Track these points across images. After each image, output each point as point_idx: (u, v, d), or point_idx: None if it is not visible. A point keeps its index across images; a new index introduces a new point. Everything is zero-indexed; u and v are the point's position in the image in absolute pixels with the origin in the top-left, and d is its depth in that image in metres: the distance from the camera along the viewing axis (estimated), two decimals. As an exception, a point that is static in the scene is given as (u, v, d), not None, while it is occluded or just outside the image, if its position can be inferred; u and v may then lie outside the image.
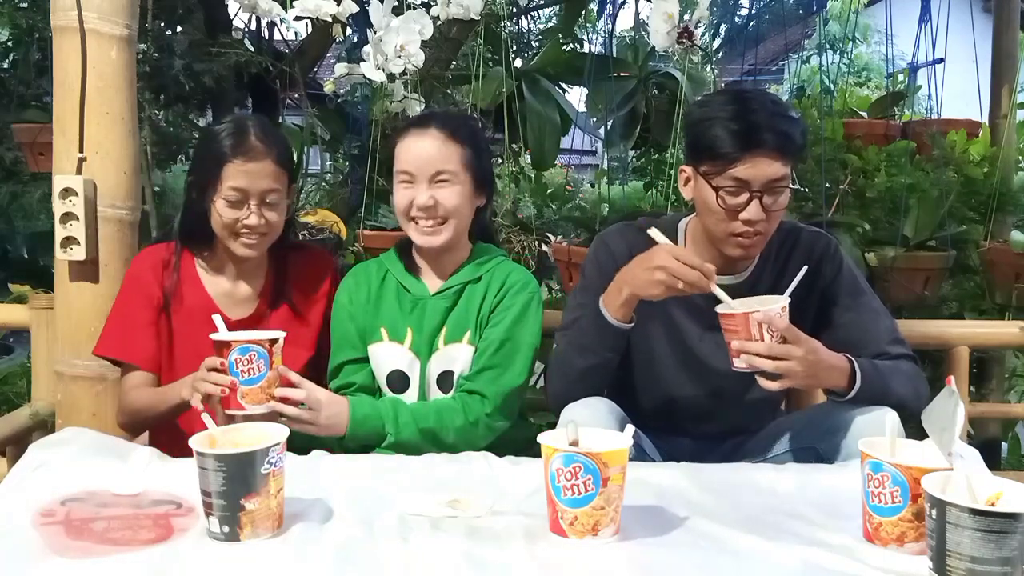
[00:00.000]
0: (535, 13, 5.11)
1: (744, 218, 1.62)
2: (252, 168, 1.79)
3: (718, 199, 1.62)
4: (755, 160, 1.59)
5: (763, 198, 1.61)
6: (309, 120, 3.65)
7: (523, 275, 1.90)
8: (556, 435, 1.30)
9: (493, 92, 3.10)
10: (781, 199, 1.64)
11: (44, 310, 2.14)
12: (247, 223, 1.81)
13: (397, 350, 1.86)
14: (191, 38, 3.35)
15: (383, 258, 1.96)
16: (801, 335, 1.53)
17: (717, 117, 1.62)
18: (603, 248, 1.80)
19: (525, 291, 1.86)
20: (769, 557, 1.19)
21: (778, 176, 1.61)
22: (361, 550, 1.20)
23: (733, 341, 1.52)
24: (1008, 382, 3.20)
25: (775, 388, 1.54)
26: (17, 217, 4.29)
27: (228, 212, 1.81)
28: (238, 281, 1.94)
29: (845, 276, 1.78)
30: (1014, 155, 3.25)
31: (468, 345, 1.85)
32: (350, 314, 1.89)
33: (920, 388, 1.67)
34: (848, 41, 6.12)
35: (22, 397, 2.93)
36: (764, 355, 1.50)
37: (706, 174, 1.64)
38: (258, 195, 1.80)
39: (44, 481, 1.43)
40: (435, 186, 1.80)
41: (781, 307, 1.52)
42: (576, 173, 6.40)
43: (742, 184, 1.60)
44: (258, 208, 1.81)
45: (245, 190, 1.79)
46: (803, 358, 1.51)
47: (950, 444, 1.19)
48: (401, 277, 1.90)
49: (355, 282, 1.92)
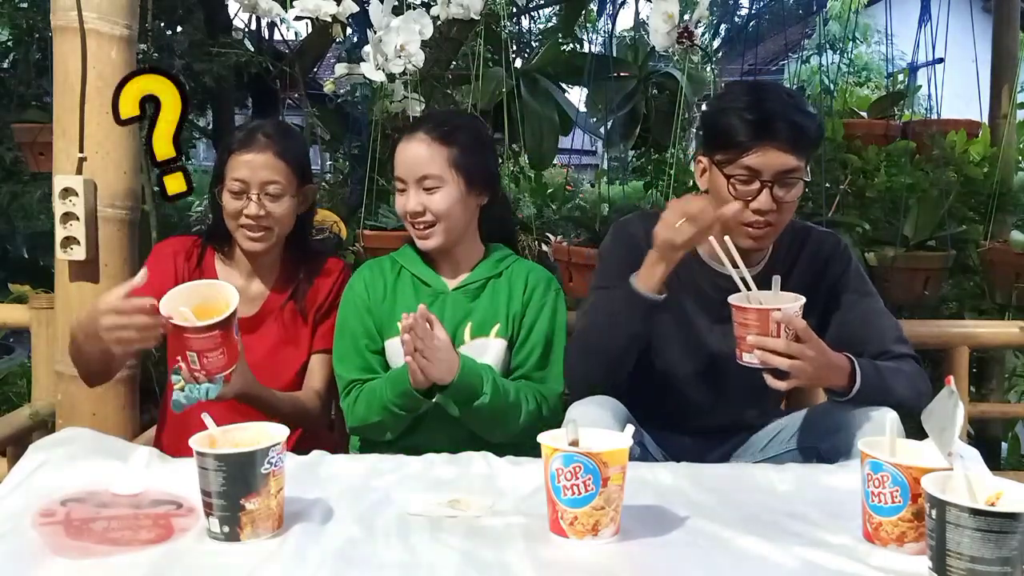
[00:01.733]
0: (535, 13, 5.11)
1: (755, 207, 1.64)
2: (252, 159, 1.84)
3: (729, 187, 1.65)
4: (767, 150, 1.62)
5: (774, 188, 1.64)
6: (309, 120, 3.65)
7: (544, 272, 1.95)
8: (556, 435, 1.30)
9: (491, 92, 3.10)
10: (793, 191, 1.66)
11: (44, 310, 2.15)
12: (248, 212, 1.84)
13: None
14: (191, 38, 3.36)
15: (395, 255, 1.96)
16: (813, 335, 1.54)
17: (732, 107, 1.66)
18: (623, 231, 1.84)
19: (552, 288, 1.91)
20: (769, 557, 1.19)
21: (790, 167, 1.64)
22: (361, 550, 1.20)
23: (748, 336, 1.52)
24: (1008, 382, 3.21)
25: (782, 387, 1.55)
26: (17, 217, 4.28)
27: (232, 203, 1.85)
28: (252, 279, 1.96)
29: (852, 275, 1.79)
30: (1014, 155, 3.26)
31: (497, 339, 1.86)
32: (368, 307, 1.87)
33: (922, 388, 1.67)
34: (848, 41, 6.12)
35: (22, 397, 2.93)
36: (780, 352, 1.51)
37: (719, 163, 1.67)
38: (258, 185, 1.84)
39: (44, 481, 1.43)
40: (423, 191, 1.81)
41: (799, 306, 1.53)
42: (576, 173, 6.40)
43: (753, 173, 1.64)
44: (258, 198, 1.84)
45: (246, 180, 1.84)
46: (814, 359, 1.52)
47: (950, 444, 1.19)
48: (419, 272, 1.89)
49: (371, 275, 1.91)
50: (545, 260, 2.95)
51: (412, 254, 1.92)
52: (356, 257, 2.71)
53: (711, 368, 1.80)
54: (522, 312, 1.87)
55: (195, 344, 1.51)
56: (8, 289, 3.13)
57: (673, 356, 1.82)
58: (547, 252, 3.05)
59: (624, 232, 1.83)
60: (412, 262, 1.91)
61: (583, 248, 2.52)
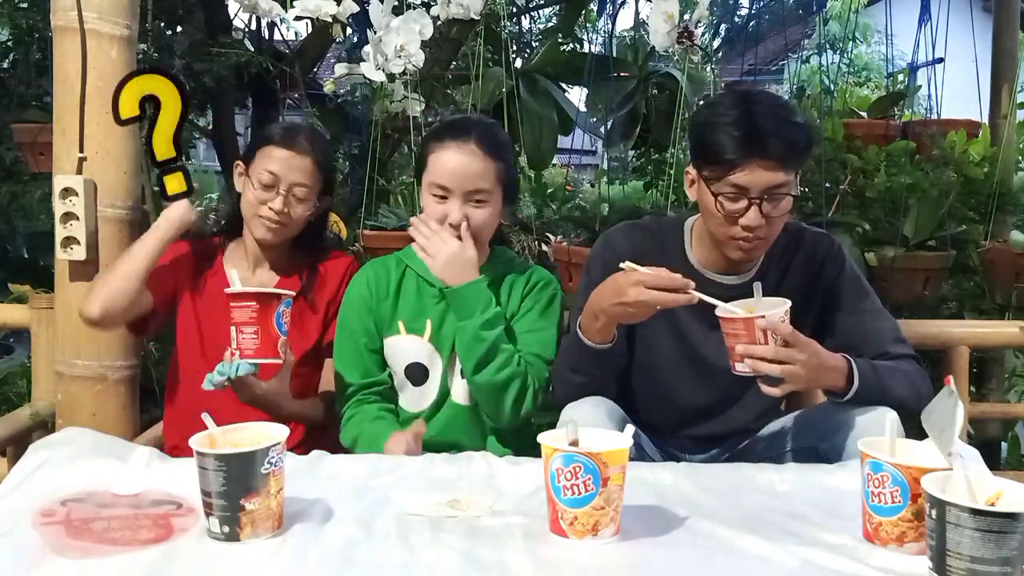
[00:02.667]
0: (535, 13, 5.11)
1: (743, 224, 1.61)
2: (291, 157, 1.88)
3: (717, 204, 1.62)
4: (754, 168, 1.58)
5: (762, 204, 1.60)
6: (309, 120, 3.65)
7: (546, 273, 1.95)
8: (556, 435, 1.30)
9: (491, 92, 3.10)
10: (782, 205, 1.63)
11: (44, 310, 2.15)
12: (273, 207, 1.87)
13: (416, 343, 1.86)
14: (191, 38, 3.36)
15: (400, 255, 1.95)
16: (802, 338, 1.52)
17: (719, 122, 1.61)
18: (608, 248, 1.79)
19: (549, 288, 1.91)
20: (769, 557, 1.19)
21: (778, 183, 1.60)
22: (361, 550, 1.20)
23: (737, 345, 1.52)
24: (1008, 382, 3.21)
25: (776, 393, 1.54)
26: (17, 217, 4.29)
27: (258, 192, 1.88)
28: (259, 268, 1.99)
29: (848, 277, 1.77)
30: (1014, 155, 3.26)
31: None
32: (369, 306, 1.88)
33: (922, 388, 1.66)
34: (848, 41, 6.12)
35: (22, 397, 2.94)
36: (769, 359, 1.50)
37: (707, 179, 1.64)
38: (288, 184, 1.87)
39: (44, 481, 1.43)
40: (470, 204, 1.79)
41: (784, 311, 1.52)
42: (576, 173, 6.41)
43: (741, 190, 1.60)
44: (286, 196, 1.88)
45: (278, 175, 1.87)
46: (806, 361, 1.51)
47: (950, 444, 1.19)
48: (425, 272, 1.87)
49: (374, 274, 1.91)
50: (545, 260, 2.96)
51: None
52: (356, 257, 2.71)
53: (709, 375, 1.79)
54: (520, 310, 1.87)
55: (235, 315, 1.65)
56: (8, 289, 3.12)
57: (670, 364, 1.81)
58: (547, 252, 3.05)
59: (610, 250, 1.77)
60: (417, 262, 1.88)
61: (583, 248, 2.51)
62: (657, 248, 1.77)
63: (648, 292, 1.51)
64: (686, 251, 1.78)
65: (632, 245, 1.75)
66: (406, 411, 1.89)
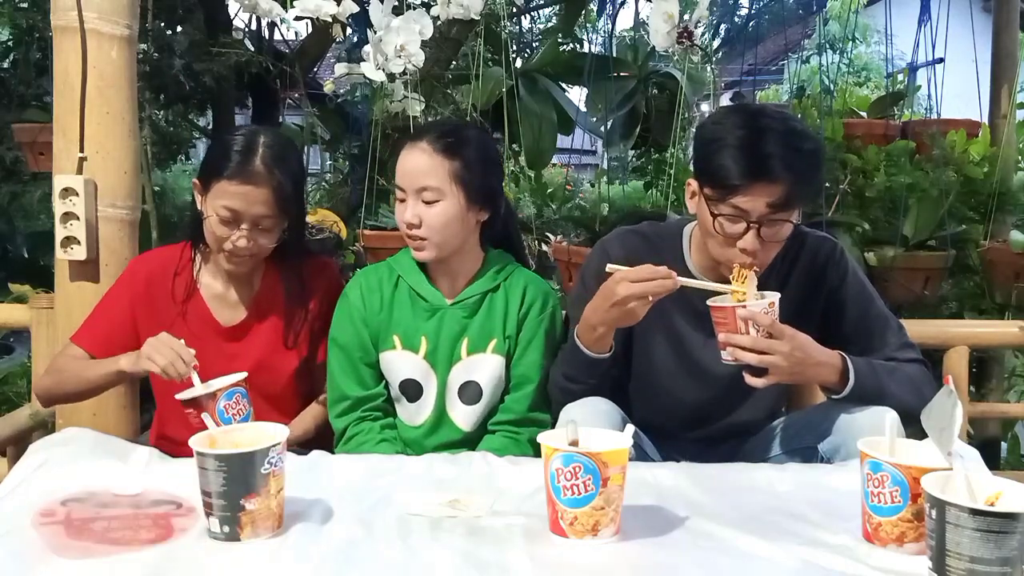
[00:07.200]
0: (535, 13, 5.11)
1: (740, 246, 1.59)
2: (249, 192, 1.73)
3: (715, 224, 1.59)
4: (757, 192, 1.55)
5: (761, 229, 1.57)
6: (309, 120, 3.65)
7: (543, 284, 1.89)
8: (556, 435, 1.30)
9: (491, 92, 3.10)
10: (781, 231, 1.60)
11: (44, 310, 2.15)
12: (237, 245, 1.75)
13: (411, 359, 1.82)
14: (191, 38, 3.35)
15: (392, 263, 1.90)
16: (787, 331, 1.52)
17: (726, 142, 1.57)
18: (603, 256, 1.76)
19: (549, 304, 1.86)
20: (769, 557, 1.19)
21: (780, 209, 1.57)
22: (361, 550, 1.20)
23: (720, 334, 1.54)
24: (1008, 382, 3.20)
25: (760, 384, 1.55)
26: (17, 217, 4.29)
27: (219, 228, 1.75)
28: (230, 287, 1.89)
29: (851, 282, 1.75)
30: (1014, 155, 3.25)
31: (493, 355, 1.82)
32: (363, 319, 1.83)
33: (925, 392, 1.60)
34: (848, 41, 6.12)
35: (22, 397, 2.94)
36: (748, 348, 1.50)
37: (707, 198, 1.61)
38: (251, 219, 1.74)
39: (44, 481, 1.43)
40: (421, 203, 1.76)
41: (768, 303, 1.52)
42: (576, 173, 6.40)
43: (741, 213, 1.57)
44: (249, 232, 1.75)
45: (238, 212, 1.73)
46: (788, 354, 1.51)
47: (949, 444, 1.19)
48: (416, 284, 1.84)
49: (367, 286, 1.86)
50: (545, 260, 2.96)
51: (410, 262, 1.86)
52: (356, 257, 2.72)
53: (709, 382, 1.78)
54: (518, 328, 1.83)
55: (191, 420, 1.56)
56: (8, 289, 3.12)
57: (669, 373, 1.80)
58: (547, 252, 3.05)
59: (603, 257, 1.74)
60: (409, 272, 1.85)
61: (583, 248, 2.52)
62: (654, 254, 1.73)
63: (634, 284, 1.52)
64: (685, 257, 1.77)
65: (626, 251, 1.73)
66: (403, 423, 1.86)
